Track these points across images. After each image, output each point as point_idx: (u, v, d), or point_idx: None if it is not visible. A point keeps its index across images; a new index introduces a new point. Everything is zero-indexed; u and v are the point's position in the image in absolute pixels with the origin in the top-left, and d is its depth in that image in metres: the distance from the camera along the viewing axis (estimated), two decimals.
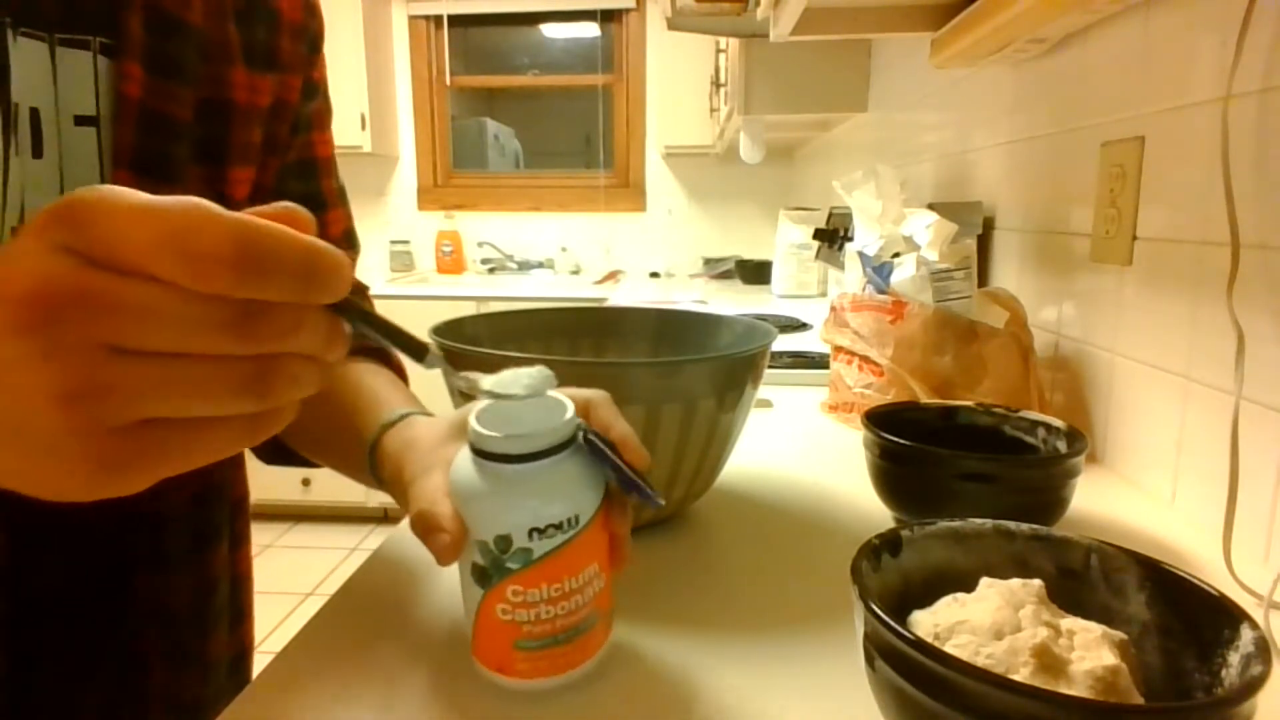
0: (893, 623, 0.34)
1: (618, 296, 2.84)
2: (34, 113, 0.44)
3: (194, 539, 0.57)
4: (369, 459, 0.50)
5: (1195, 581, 0.37)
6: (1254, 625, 0.33)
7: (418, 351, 0.34)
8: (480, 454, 0.38)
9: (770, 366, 1.10)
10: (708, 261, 3.51)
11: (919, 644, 0.33)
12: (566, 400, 0.41)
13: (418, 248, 3.73)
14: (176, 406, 0.26)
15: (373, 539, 3.02)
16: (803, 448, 0.86)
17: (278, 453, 0.63)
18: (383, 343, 0.32)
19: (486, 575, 0.39)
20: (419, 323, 0.78)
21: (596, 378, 0.56)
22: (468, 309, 0.84)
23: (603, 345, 0.81)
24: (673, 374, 0.56)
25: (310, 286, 0.26)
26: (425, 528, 0.39)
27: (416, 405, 0.54)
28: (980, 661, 0.34)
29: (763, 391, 1.09)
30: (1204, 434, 0.66)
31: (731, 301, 2.39)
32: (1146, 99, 0.75)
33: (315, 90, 0.62)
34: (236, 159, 0.54)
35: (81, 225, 0.25)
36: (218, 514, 0.59)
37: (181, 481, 0.53)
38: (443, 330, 0.67)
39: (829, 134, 2.61)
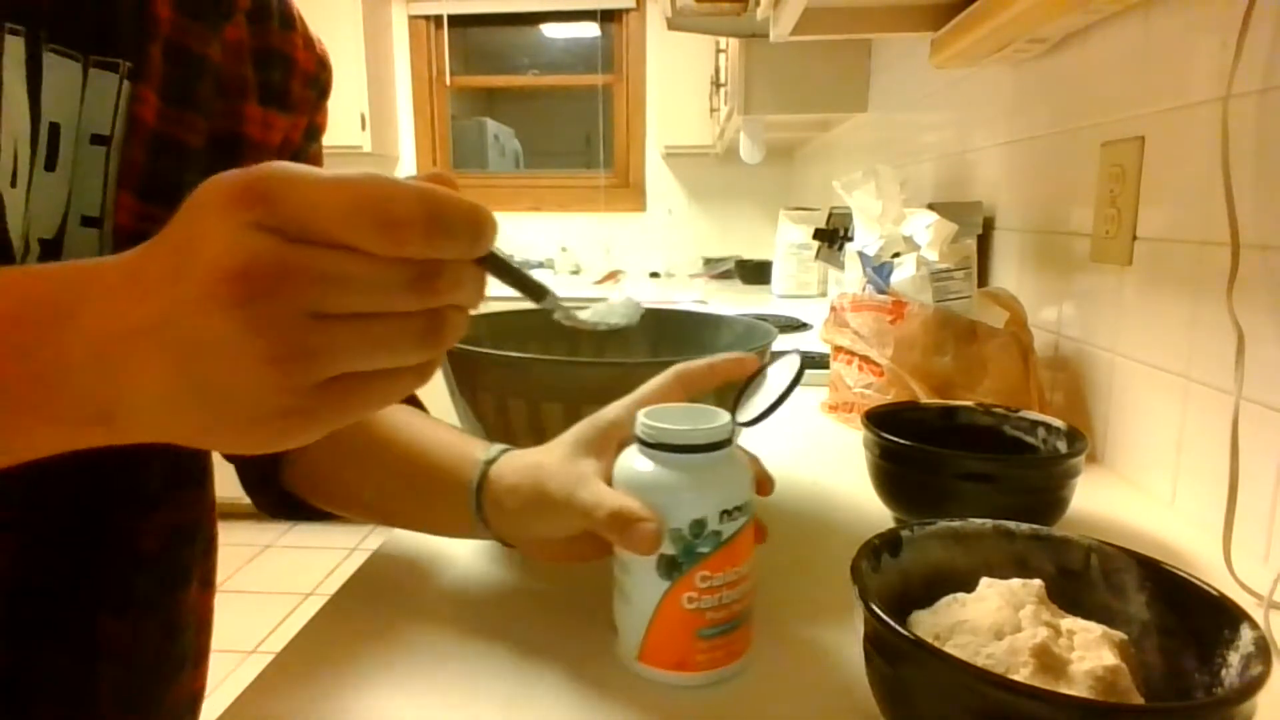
0: (892, 623, 0.34)
1: (618, 297, 2.83)
2: (53, 127, 0.45)
3: (163, 581, 0.55)
4: (474, 498, 0.50)
5: (1195, 581, 0.37)
6: (1254, 625, 0.33)
7: (539, 293, 0.37)
8: (666, 448, 0.42)
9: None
10: (708, 261, 3.51)
11: (919, 644, 0.33)
12: (707, 407, 0.45)
13: None
14: (368, 361, 0.28)
15: (373, 539, 3.01)
16: (803, 448, 0.86)
17: (286, 505, 0.61)
18: (512, 287, 0.35)
19: (675, 565, 0.41)
20: None
21: (597, 378, 0.57)
22: None
23: (603, 345, 0.81)
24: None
25: (477, 244, 0.29)
26: (625, 523, 0.41)
27: (485, 441, 0.55)
28: (980, 661, 0.34)
29: None
30: (1204, 434, 0.66)
31: (731, 301, 2.39)
32: (1146, 99, 0.75)
33: (316, 133, 0.65)
34: None
35: (274, 202, 0.26)
36: (188, 555, 0.58)
37: (154, 519, 0.53)
38: None
39: (829, 134, 2.61)
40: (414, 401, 0.64)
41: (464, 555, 0.59)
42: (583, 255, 3.74)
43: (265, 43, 0.57)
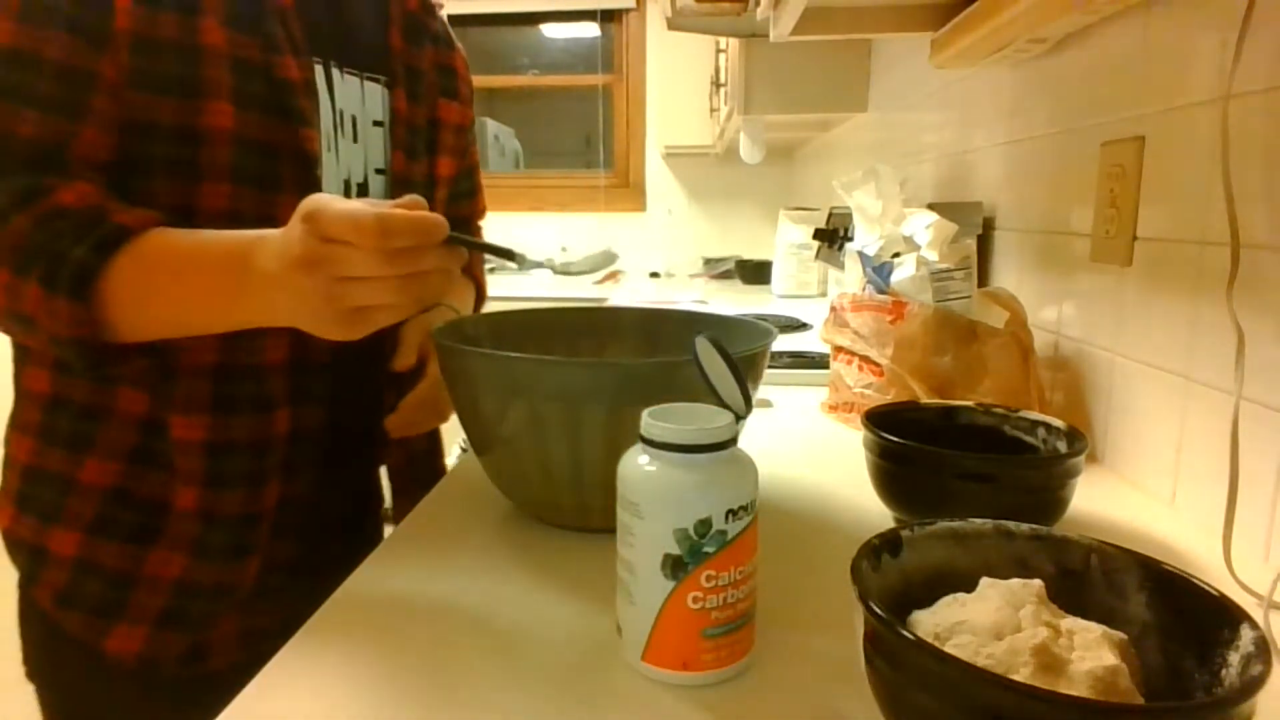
0: (893, 622, 0.34)
1: (618, 296, 2.84)
2: (353, 118, 0.76)
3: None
4: None
5: (1195, 581, 0.37)
6: (1254, 625, 0.33)
7: (511, 256, 0.58)
8: (671, 448, 0.42)
9: (770, 366, 1.09)
10: (708, 261, 3.50)
11: (919, 644, 0.33)
12: (711, 407, 0.45)
13: None
14: (375, 300, 0.51)
15: None
16: (803, 448, 0.86)
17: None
18: (487, 253, 0.62)
19: (681, 565, 0.41)
20: None
21: (596, 378, 0.57)
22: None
23: (603, 345, 0.81)
24: (673, 374, 0.56)
25: (427, 237, 0.50)
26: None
27: (454, 306, 0.85)
28: (980, 661, 0.34)
29: (763, 391, 1.09)
30: (1204, 434, 0.66)
31: (731, 301, 2.39)
32: (1146, 99, 0.75)
33: (473, 123, 0.97)
34: (443, 152, 0.88)
35: (314, 222, 0.49)
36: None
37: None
38: (443, 330, 0.67)
39: (829, 134, 2.60)
40: (479, 291, 1.02)
41: (467, 555, 0.59)
42: (583, 255, 3.73)
43: (440, 59, 0.87)
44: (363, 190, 0.78)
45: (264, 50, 0.65)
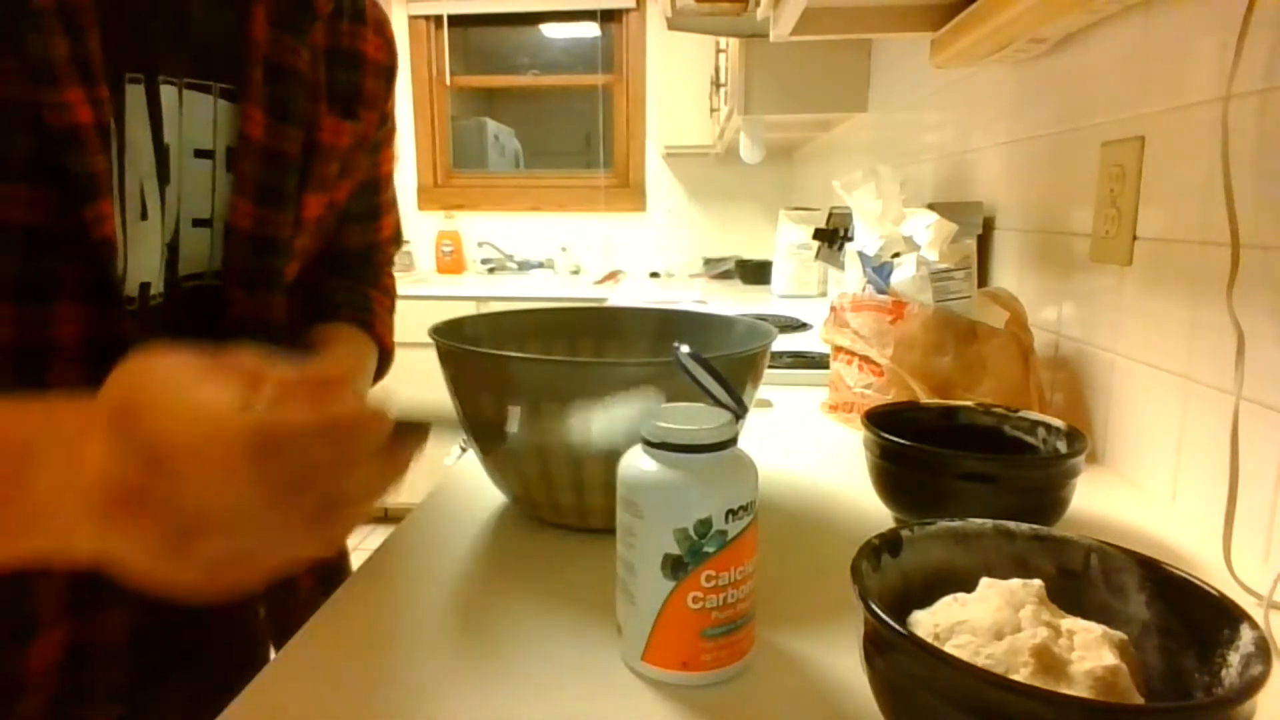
0: (892, 622, 0.34)
1: (618, 296, 2.84)
2: (166, 147, 0.51)
3: None
4: None
5: (1195, 581, 0.37)
6: (1254, 625, 0.33)
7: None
8: (671, 448, 0.42)
9: (770, 366, 1.09)
10: (708, 261, 3.50)
11: (919, 644, 0.33)
12: (711, 408, 0.45)
13: (418, 248, 3.72)
14: (251, 547, 0.31)
15: (373, 539, 3.01)
16: (803, 448, 0.86)
17: None
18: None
19: (681, 565, 0.41)
20: (419, 323, 0.78)
21: (597, 378, 0.57)
22: (468, 309, 0.86)
23: (603, 345, 0.81)
24: (673, 374, 0.56)
25: (337, 453, 0.30)
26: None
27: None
28: (980, 661, 0.34)
29: (763, 391, 1.09)
30: (1204, 434, 0.66)
31: (731, 301, 2.39)
32: (1146, 99, 0.75)
33: (386, 119, 0.70)
34: (313, 187, 0.61)
35: (133, 429, 0.30)
36: None
37: None
38: (443, 330, 0.67)
39: (829, 134, 2.60)
40: (382, 346, 0.69)
41: (466, 555, 0.59)
42: (583, 255, 3.74)
43: (337, 43, 0.61)
44: (172, 250, 0.53)
45: (30, 78, 0.42)
